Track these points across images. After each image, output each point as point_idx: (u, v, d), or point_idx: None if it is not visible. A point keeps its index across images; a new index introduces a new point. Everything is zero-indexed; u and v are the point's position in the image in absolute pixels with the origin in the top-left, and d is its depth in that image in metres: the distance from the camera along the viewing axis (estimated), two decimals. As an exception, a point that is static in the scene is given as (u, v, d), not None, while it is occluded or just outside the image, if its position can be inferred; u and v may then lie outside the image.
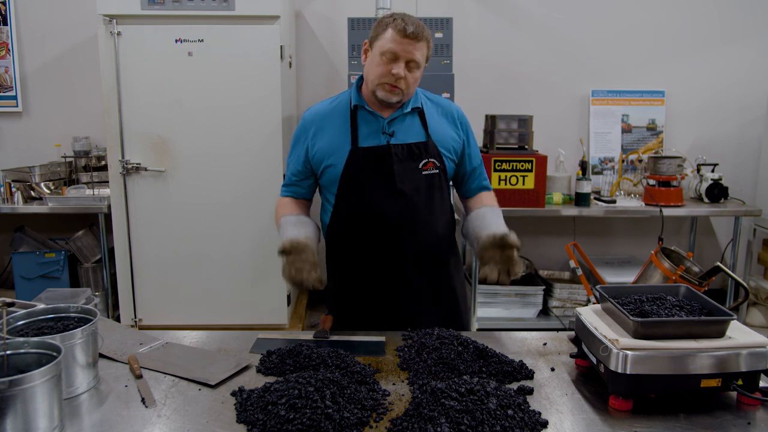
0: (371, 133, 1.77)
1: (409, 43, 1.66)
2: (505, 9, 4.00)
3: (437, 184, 1.80)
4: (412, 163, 1.76)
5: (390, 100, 1.72)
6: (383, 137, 1.77)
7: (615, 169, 4.03)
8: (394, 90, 1.70)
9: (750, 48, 4.05)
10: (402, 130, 1.78)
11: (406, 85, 1.70)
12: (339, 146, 1.77)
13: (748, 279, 3.95)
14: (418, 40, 1.67)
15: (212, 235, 3.43)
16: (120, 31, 3.21)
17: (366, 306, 1.84)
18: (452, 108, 1.89)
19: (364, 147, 1.75)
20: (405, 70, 1.68)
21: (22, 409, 1.07)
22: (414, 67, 1.69)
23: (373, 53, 1.71)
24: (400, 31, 1.65)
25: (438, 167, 1.79)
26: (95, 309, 1.44)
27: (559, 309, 3.75)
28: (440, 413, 1.14)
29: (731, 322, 1.30)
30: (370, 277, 1.83)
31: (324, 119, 1.82)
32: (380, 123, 1.78)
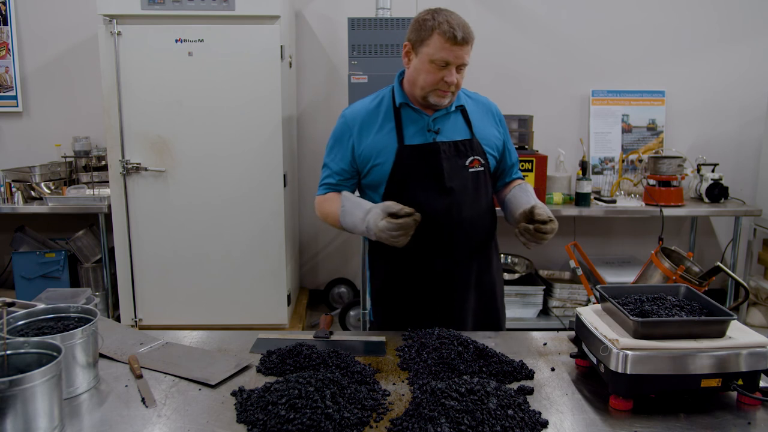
0: (417, 131, 1.76)
1: (460, 48, 1.64)
2: (505, 9, 4.00)
3: (482, 182, 1.80)
4: (459, 161, 1.76)
5: (443, 104, 1.73)
6: (429, 135, 1.76)
7: (615, 169, 4.03)
8: (446, 94, 1.71)
9: (750, 48, 4.05)
10: (447, 127, 1.78)
11: (457, 87, 1.71)
12: (386, 145, 1.75)
13: (748, 279, 3.95)
14: (468, 44, 1.65)
15: (212, 235, 3.43)
16: (120, 31, 3.21)
17: (410, 302, 1.84)
18: (491, 105, 1.90)
19: (412, 145, 1.74)
20: (457, 74, 1.68)
21: (23, 409, 1.07)
22: (462, 68, 1.70)
23: (420, 59, 1.68)
24: (449, 39, 1.62)
25: (482, 164, 1.80)
26: (95, 309, 1.44)
27: (559, 309, 3.75)
28: (440, 413, 1.14)
29: (731, 322, 1.30)
30: (416, 273, 1.81)
31: (367, 117, 1.79)
32: (425, 121, 1.77)
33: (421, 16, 1.70)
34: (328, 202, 1.81)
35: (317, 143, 4.14)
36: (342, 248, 4.29)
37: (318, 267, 4.33)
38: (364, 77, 3.06)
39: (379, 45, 3.15)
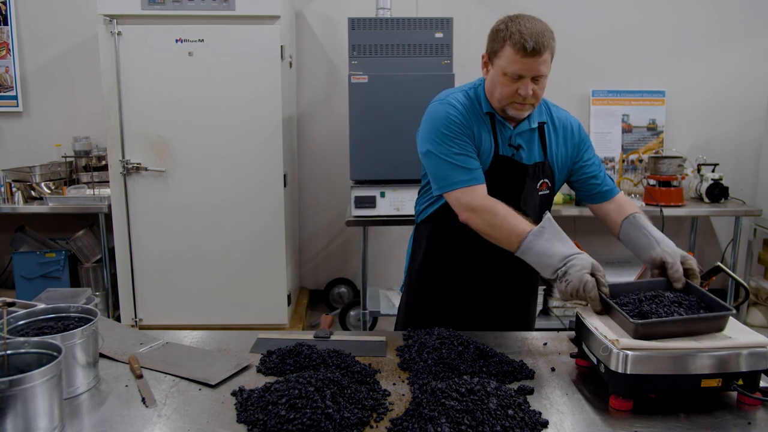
0: (501, 142, 1.71)
1: (534, 60, 1.56)
2: (505, 9, 3.96)
3: (546, 204, 1.78)
4: (533, 182, 1.73)
5: (522, 116, 1.68)
6: (509, 149, 1.71)
7: (615, 169, 4.04)
8: (524, 107, 1.65)
9: (750, 48, 4.05)
10: (526, 144, 1.73)
11: (535, 98, 1.64)
12: (486, 148, 1.70)
13: (748, 279, 3.95)
14: (542, 54, 1.56)
15: (212, 235, 3.43)
16: (120, 31, 3.21)
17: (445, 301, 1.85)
18: (569, 124, 1.80)
19: (506, 156, 1.70)
20: (533, 84, 1.60)
21: (23, 409, 1.07)
22: (539, 79, 1.61)
23: (495, 71, 1.63)
24: (520, 50, 1.55)
25: (549, 187, 1.77)
26: (95, 309, 1.44)
27: (559, 309, 3.75)
28: (440, 413, 1.14)
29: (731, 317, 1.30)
30: (460, 277, 1.81)
31: (472, 115, 1.71)
32: (508, 133, 1.71)
33: (496, 26, 1.65)
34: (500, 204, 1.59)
35: (317, 143, 4.14)
36: (342, 248, 4.29)
37: (318, 267, 4.33)
38: (364, 77, 3.06)
39: (379, 45, 3.15)
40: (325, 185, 4.18)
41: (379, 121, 3.06)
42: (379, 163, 3.08)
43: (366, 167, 3.08)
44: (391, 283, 4.19)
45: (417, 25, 3.13)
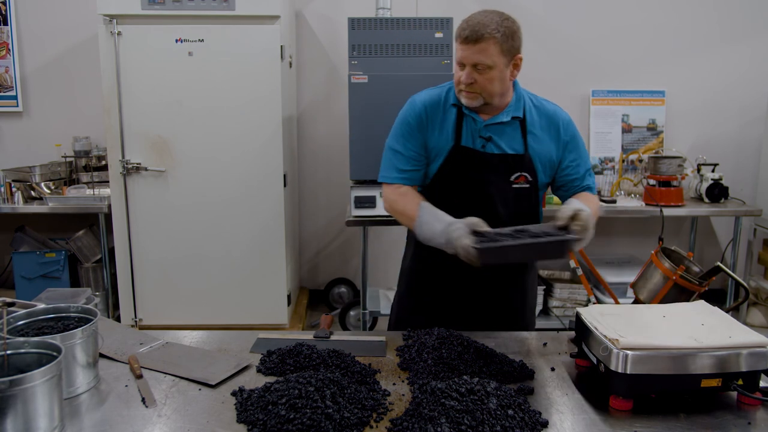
0: (469, 135, 1.73)
1: (469, 47, 1.61)
2: (505, 9, 3.97)
3: (526, 197, 1.75)
4: (504, 175, 1.71)
5: (470, 105, 1.69)
6: (479, 141, 1.72)
7: (615, 169, 4.03)
8: (469, 95, 1.67)
9: (750, 48, 4.05)
10: (500, 137, 1.73)
11: (480, 88, 1.65)
12: (444, 142, 1.73)
13: (748, 279, 3.95)
14: (477, 42, 1.60)
15: (212, 235, 3.43)
16: (120, 31, 3.21)
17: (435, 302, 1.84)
18: (558, 118, 1.79)
19: (465, 147, 1.72)
20: (475, 74, 1.63)
21: (23, 408, 1.07)
22: (483, 69, 1.62)
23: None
24: (459, 37, 1.63)
25: (530, 181, 1.74)
26: (95, 309, 1.44)
27: (559, 309, 3.75)
28: (440, 413, 1.14)
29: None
30: (447, 277, 1.80)
31: (436, 111, 1.76)
32: (477, 126, 1.72)
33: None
34: (405, 198, 1.73)
35: (317, 143, 4.14)
36: (342, 248, 4.29)
37: (318, 267, 4.33)
38: (364, 77, 3.06)
39: (379, 45, 3.15)
40: (325, 185, 4.18)
41: (379, 121, 3.05)
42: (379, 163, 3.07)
43: (366, 167, 3.08)
44: (391, 283, 4.18)
45: (417, 25, 3.13)
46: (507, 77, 1.68)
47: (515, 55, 1.68)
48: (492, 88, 1.65)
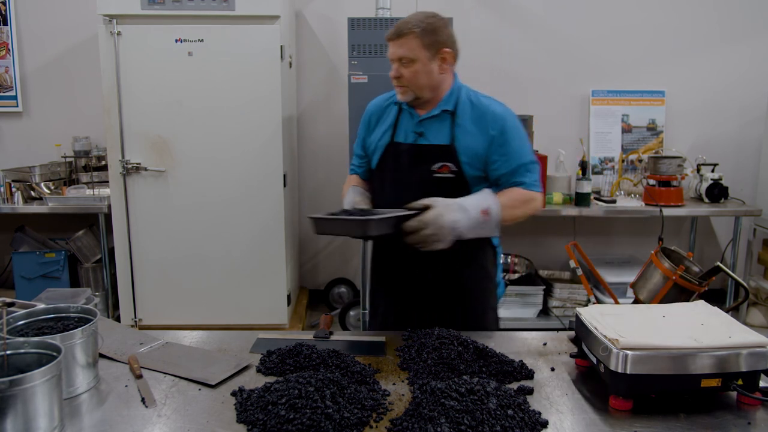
0: (407, 130, 1.85)
1: (392, 43, 1.77)
2: (505, 9, 4.00)
3: (449, 187, 1.75)
4: (425, 165, 1.77)
5: (403, 99, 1.81)
6: (412, 136, 1.83)
7: (615, 169, 4.03)
8: (400, 89, 1.79)
9: (750, 48, 4.05)
10: (432, 131, 1.81)
11: (407, 81, 1.76)
12: (383, 138, 1.88)
13: (748, 279, 3.95)
14: (399, 37, 1.74)
15: (212, 235, 3.43)
16: (120, 31, 3.21)
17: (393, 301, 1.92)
18: (488, 112, 1.80)
19: (398, 142, 1.84)
20: (402, 69, 1.75)
21: (23, 409, 1.07)
22: (407, 63, 1.74)
23: None
24: (387, 36, 1.79)
25: (454, 171, 1.76)
26: (95, 309, 1.44)
27: (559, 309, 3.75)
28: (440, 413, 1.14)
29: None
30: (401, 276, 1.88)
31: (380, 111, 1.94)
32: (414, 121, 1.84)
33: None
34: (346, 185, 1.99)
35: (317, 143, 4.14)
36: (342, 248, 4.29)
37: (318, 267, 4.33)
38: (364, 77, 3.06)
39: (379, 45, 3.15)
40: (325, 185, 4.18)
41: (379, 121, 3.06)
42: (379, 163, 3.08)
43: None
44: (391, 283, 4.19)
45: (417, 25, 3.13)
46: (433, 71, 1.76)
47: (440, 49, 1.75)
48: (418, 81, 1.75)
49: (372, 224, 1.56)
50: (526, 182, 1.77)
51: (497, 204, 1.66)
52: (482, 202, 1.66)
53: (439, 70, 1.77)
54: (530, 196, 1.76)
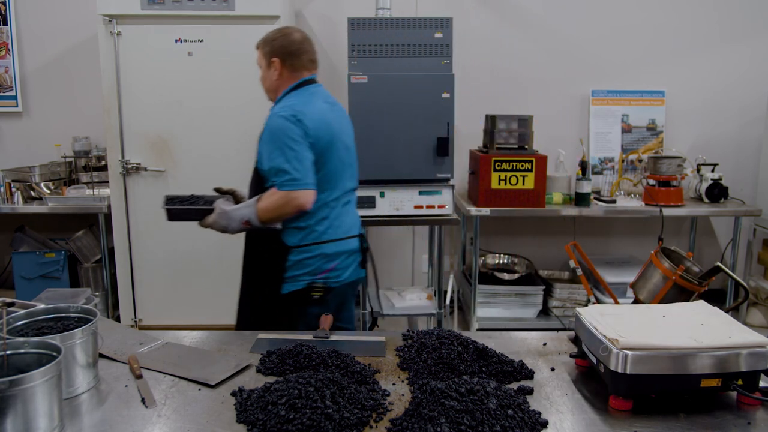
0: None
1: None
2: (505, 9, 4.00)
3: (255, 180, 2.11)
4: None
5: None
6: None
7: (615, 169, 4.03)
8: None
9: (750, 48, 4.05)
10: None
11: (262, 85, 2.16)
12: None
13: (748, 279, 3.95)
14: (256, 49, 2.14)
15: (212, 235, 3.41)
16: (120, 31, 3.21)
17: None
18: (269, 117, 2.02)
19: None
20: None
21: (22, 409, 1.07)
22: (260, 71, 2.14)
23: None
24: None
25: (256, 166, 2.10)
26: (95, 309, 1.44)
27: (559, 309, 3.75)
28: (440, 413, 1.14)
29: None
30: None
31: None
32: None
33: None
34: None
35: (317, 143, 4.14)
36: (342, 248, 4.28)
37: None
38: (364, 77, 3.06)
39: (379, 45, 3.15)
40: (325, 185, 4.18)
41: (379, 121, 3.06)
42: (379, 163, 3.08)
43: (366, 167, 3.06)
44: (391, 283, 4.18)
45: (417, 25, 3.13)
46: (270, 77, 2.09)
47: (271, 59, 2.06)
48: (263, 85, 2.15)
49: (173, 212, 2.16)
50: (277, 182, 1.93)
51: (255, 215, 1.98)
52: (245, 213, 1.99)
53: (275, 76, 2.07)
54: (283, 196, 1.92)
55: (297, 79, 2.07)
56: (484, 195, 3.41)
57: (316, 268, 2.01)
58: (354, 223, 2.15)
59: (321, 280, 2.01)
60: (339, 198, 2.07)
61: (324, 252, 2.02)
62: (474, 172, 3.56)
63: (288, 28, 2.12)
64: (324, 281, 2.02)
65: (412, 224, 3.48)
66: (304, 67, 2.07)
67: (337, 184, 2.05)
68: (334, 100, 2.17)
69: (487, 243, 4.17)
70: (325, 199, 2.01)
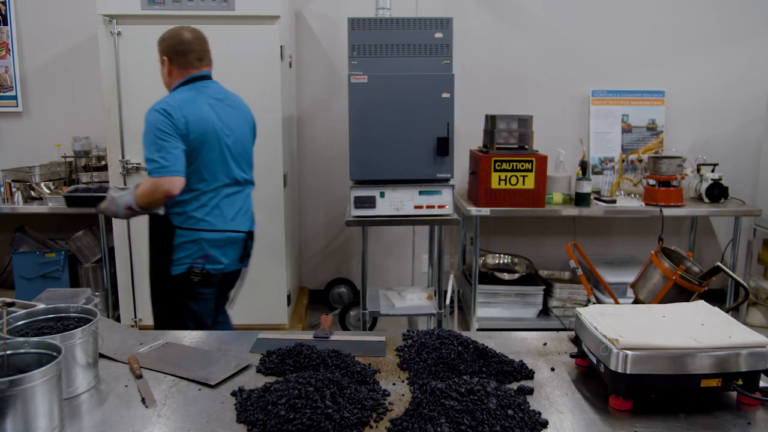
0: None
1: None
2: (505, 9, 4.00)
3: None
4: None
5: None
6: None
7: (615, 169, 4.03)
8: None
9: (750, 48, 4.05)
10: None
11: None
12: None
13: (748, 279, 3.95)
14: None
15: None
16: (120, 31, 3.21)
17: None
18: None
19: None
20: None
21: (23, 409, 1.07)
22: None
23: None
24: None
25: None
26: (95, 309, 1.44)
27: (559, 309, 3.75)
28: (440, 413, 1.14)
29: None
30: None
31: None
32: None
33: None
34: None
35: (317, 143, 4.14)
36: (342, 248, 4.29)
37: (318, 267, 4.33)
38: (364, 77, 3.06)
39: (379, 45, 3.15)
40: (325, 185, 4.18)
41: (379, 121, 3.06)
42: (379, 163, 3.08)
43: (366, 167, 3.08)
44: (391, 283, 4.19)
45: (417, 25, 3.13)
46: (163, 74, 2.30)
47: (162, 57, 2.26)
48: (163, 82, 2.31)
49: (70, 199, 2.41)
50: (149, 170, 2.08)
51: (134, 200, 2.10)
52: (127, 200, 2.12)
53: (166, 73, 2.28)
54: (153, 183, 2.06)
55: (185, 76, 2.23)
56: (484, 195, 3.41)
57: (194, 252, 2.17)
58: (240, 217, 2.29)
59: (199, 266, 2.17)
60: (219, 188, 2.21)
61: (203, 238, 2.17)
62: (474, 172, 3.56)
63: (180, 28, 2.24)
64: (202, 266, 2.17)
65: (412, 224, 3.48)
66: (191, 65, 2.23)
67: (216, 174, 2.19)
68: (228, 95, 2.34)
69: (487, 243, 4.17)
70: (203, 189, 2.17)
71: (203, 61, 2.27)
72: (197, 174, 2.14)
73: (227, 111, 2.27)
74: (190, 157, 2.11)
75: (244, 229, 2.29)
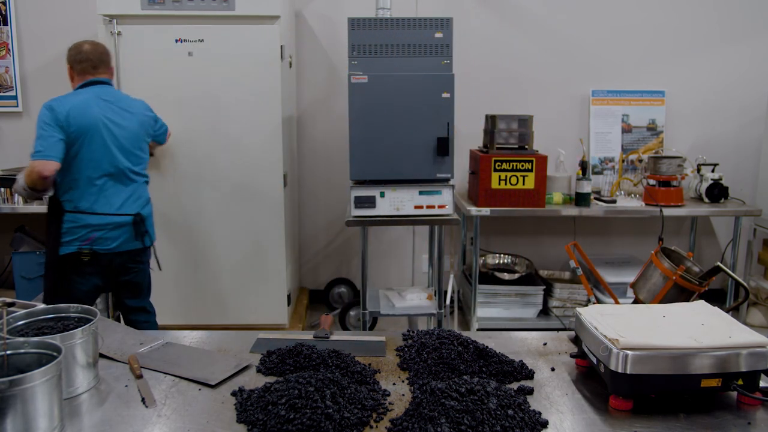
0: None
1: None
2: (505, 9, 4.00)
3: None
4: None
5: None
6: None
7: (615, 169, 4.04)
8: None
9: (750, 48, 4.05)
10: None
11: None
12: None
13: (748, 279, 3.95)
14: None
15: (212, 234, 3.43)
16: (120, 31, 3.21)
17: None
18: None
19: None
20: None
21: (22, 409, 1.07)
22: None
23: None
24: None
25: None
26: (95, 309, 1.44)
27: (559, 309, 3.75)
28: (440, 413, 1.14)
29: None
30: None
31: None
32: None
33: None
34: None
35: (317, 143, 4.14)
36: (342, 248, 4.29)
37: (318, 267, 4.33)
38: (364, 77, 3.06)
39: (379, 45, 3.15)
40: (325, 185, 4.18)
41: (379, 121, 3.06)
42: (379, 163, 3.08)
43: (366, 167, 3.08)
44: (391, 283, 4.19)
45: (417, 25, 3.13)
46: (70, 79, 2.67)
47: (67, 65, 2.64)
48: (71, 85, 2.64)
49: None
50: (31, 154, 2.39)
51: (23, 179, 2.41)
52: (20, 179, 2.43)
53: (70, 79, 2.66)
54: (30, 165, 2.38)
55: (82, 81, 2.60)
56: (484, 195, 3.41)
57: (82, 235, 2.47)
58: (128, 202, 2.58)
59: (87, 247, 2.47)
60: (104, 176, 2.51)
61: (89, 222, 2.47)
62: (474, 172, 3.56)
63: (83, 42, 2.62)
64: (90, 247, 2.47)
65: (412, 224, 3.48)
66: (87, 72, 2.59)
67: (99, 164, 2.49)
68: (120, 98, 2.64)
69: (487, 243, 4.17)
70: (90, 176, 2.47)
71: (98, 68, 2.60)
72: (83, 162, 2.46)
73: (115, 110, 2.57)
74: (73, 147, 2.43)
75: (131, 212, 2.56)
